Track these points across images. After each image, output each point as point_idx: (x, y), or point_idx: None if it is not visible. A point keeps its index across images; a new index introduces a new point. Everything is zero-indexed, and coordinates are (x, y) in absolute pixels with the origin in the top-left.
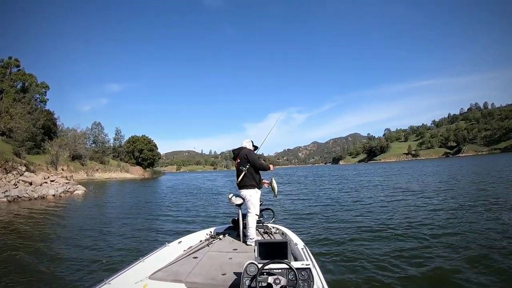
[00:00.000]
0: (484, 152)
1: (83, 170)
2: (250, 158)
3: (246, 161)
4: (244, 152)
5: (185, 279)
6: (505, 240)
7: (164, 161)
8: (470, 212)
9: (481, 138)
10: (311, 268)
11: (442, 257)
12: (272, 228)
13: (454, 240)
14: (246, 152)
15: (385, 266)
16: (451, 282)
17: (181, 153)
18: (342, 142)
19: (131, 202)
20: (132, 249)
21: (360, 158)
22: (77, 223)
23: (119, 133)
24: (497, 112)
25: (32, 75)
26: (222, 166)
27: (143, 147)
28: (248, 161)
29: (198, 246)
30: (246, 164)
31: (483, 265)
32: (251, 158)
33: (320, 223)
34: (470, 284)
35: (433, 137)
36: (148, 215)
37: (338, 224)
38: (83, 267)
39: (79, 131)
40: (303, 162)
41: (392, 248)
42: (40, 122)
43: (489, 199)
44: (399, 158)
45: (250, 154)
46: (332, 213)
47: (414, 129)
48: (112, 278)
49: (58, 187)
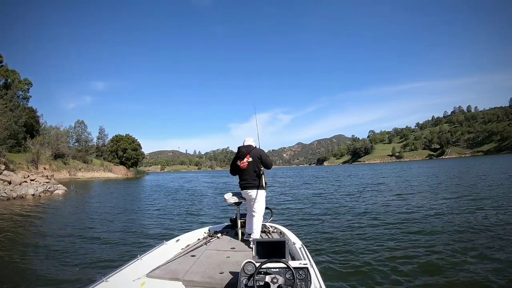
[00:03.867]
0: (467, 154)
1: (66, 169)
2: (264, 160)
3: (260, 162)
4: (258, 152)
5: (182, 277)
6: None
7: (148, 161)
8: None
9: (464, 140)
10: (308, 268)
11: (443, 257)
12: (270, 227)
13: (456, 238)
14: (260, 152)
15: (382, 266)
16: (452, 282)
17: (165, 153)
18: (326, 143)
19: (113, 202)
20: (106, 259)
21: (344, 160)
22: (53, 224)
23: (102, 132)
24: (480, 116)
25: (15, 71)
26: (206, 167)
27: (126, 147)
28: (262, 162)
29: (196, 244)
30: (260, 164)
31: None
32: (265, 159)
33: (318, 223)
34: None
35: (417, 139)
36: (130, 218)
37: (336, 224)
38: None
39: (62, 130)
40: (288, 163)
41: (390, 248)
42: (22, 120)
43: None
44: (383, 159)
45: (264, 154)
46: (329, 213)
47: (398, 131)
48: (110, 276)
49: (38, 187)
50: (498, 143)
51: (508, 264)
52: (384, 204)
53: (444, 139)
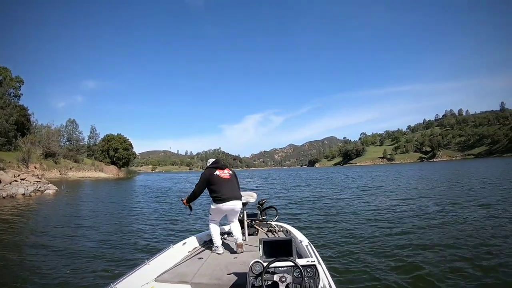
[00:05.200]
0: (458, 157)
1: (56, 169)
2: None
3: (235, 177)
4: (232, 170)
5: (191, 280)
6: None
7: (140, 161)
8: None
9: (455, 143)
10: (316, 265)
11: (454, 256)
12: (276, 226)
13: (473, 242)
14: (232, 170)
15: (390, 263)
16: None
17: (157, 153)
18: (318, 145)
19: (106, 203)
20: (103, 263)
21: (336, 161)
22: (46, 225)
23: (94, 131)
24: (471, 119)
25: (6, 69)
26: (198, 167)
27: (118, 146)
28: (236, 177)
29: (203, 246)
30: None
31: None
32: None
33: (325, 221)
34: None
35: (408, 142)
36: (123, 220)
37: (343, 221)
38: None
39: (53, 128)
40: (279, 164)
41: (398, 245)
42: (13, 118)
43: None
44: (375, 162)
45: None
46: (336, 211)
47: (389, 134)
48: (118, 282)
49: (28, 186)
50: (488, 147)
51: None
52: (389, 205)
53: (435, 142)
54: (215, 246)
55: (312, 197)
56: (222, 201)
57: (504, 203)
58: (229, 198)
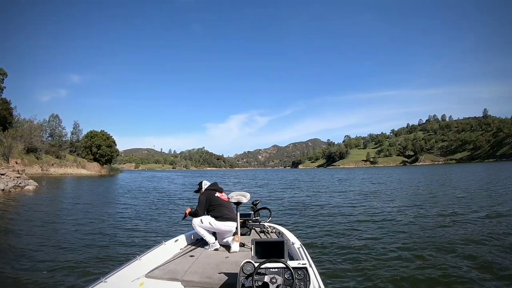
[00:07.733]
0: (440, 162)
1: (38, 164)
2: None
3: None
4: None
5: (181, 277)
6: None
7: (123, 158)
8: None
9: (438, 148)
10: (307, 268)
11: (443, 258)
12: (269, 227)
13: (463, 241)
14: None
15: (382, 266)
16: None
17: (140, 151)
18: (302, 147)
19: (88, 200)
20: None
21: (319, 163)
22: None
23: (77, 127)
24: (454, 125)
25: None
26: (181, 166)
27: (101, 143)
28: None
29: (195, 244)
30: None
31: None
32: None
33: (317, 223)
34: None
35: (392, 145)
36: (104, 218)
37: (334, 224)
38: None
39: (35, 123)
40: (263, 165)
41: (389, 248)
42: None
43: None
44: (358, 164)
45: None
46: (327, 214)
47: (373, 137)
48: (108, 276)
49: (8, 181)
50: (470, 152)
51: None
52: (379, 207)
53: (418, 146)
54: (211, 243)
55: (304, 199)
56: (224, 220)
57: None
58: (229, 219)
